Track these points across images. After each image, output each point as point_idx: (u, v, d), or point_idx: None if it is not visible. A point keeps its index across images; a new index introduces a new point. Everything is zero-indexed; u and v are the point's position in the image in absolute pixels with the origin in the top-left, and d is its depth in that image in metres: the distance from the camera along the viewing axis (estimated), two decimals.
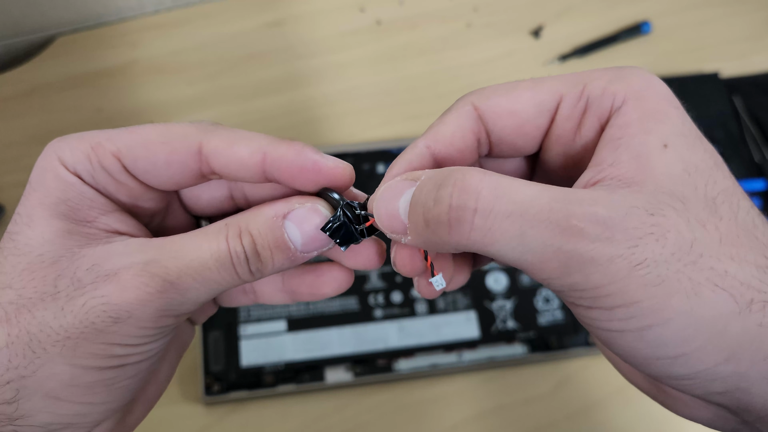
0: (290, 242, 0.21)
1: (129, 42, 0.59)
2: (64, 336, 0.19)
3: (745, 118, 0.56)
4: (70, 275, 0.20)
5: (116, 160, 0.21)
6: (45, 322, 0.19)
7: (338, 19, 0.61)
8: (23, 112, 0.56)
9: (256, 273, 0.22)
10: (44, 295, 0.20)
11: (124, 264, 0.20)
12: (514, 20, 0.62)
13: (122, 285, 0.20)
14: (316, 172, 0.22)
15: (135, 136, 0.22)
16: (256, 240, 0.21)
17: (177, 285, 0.20)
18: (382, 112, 0.57)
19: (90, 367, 0.20)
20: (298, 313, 0.47)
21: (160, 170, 0.22)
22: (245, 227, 0.21)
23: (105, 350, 0.20)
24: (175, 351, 0.26)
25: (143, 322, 0.20)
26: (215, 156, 0.21)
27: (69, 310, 0.20)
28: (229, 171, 0.22)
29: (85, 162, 0.21)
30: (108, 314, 0.20)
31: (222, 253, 0.21)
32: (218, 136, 0.22)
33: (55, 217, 0.21)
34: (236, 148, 0.21)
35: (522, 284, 0.49)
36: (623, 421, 0.46)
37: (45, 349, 0.19)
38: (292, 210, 0.22)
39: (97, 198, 0.22)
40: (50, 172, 0.21)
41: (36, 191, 0.21)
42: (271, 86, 0.58)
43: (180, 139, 0.22)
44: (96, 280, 0.20)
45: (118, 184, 0.22)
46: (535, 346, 0.47)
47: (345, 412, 0.46)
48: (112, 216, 0.22)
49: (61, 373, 0.20)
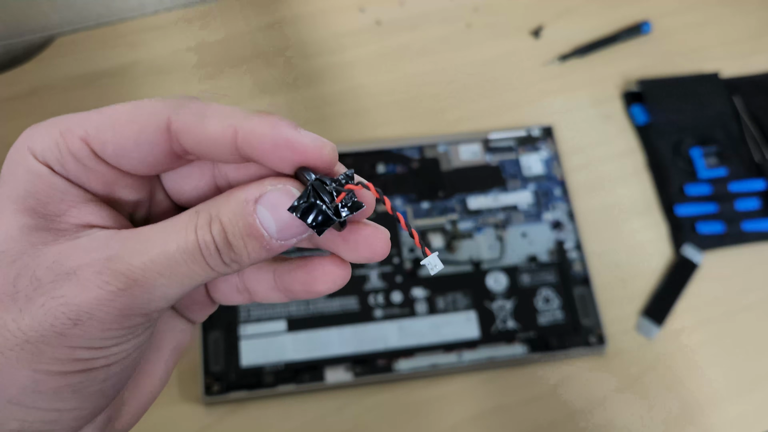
0: (263, 229, 0.19)
1: (129, 42, 0.59)
2: (22, 339, 0.18)
3: (745, 118, 0.56)
4: (30, 274, 0.19)
5: (85, 144, 0.20)
6: (3, 324, 0.18)
7: (338, 19, 0.61)
8: (23, 113, 0.56)
9: (231, 264, 0.20)
10: (3, 295, 0.18)
11: (85, 261, 0.19)
12: (514, 20, 0.62)
13: (81, 284, 0.18)
14: (290, 149, 0.19)
15: (103, 118, 0.20)
16: (226, 228, 0.19)
17: (141, 282, 0.19)
18: (382, 112, 0.57)
19: (53, 372, 0.18)
20: (298, 313, 0.47)
21: (130, 152, 0.20)
22: (215, 214, 0.19)
23: (67, 354, 0.18)
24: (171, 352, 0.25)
25: (106, 323, 0.18)
26: (185, 133, 0.20)
27: (27, 311, 0.18)
28: (202, 149, 0.20)
29: (54, 150, 0.20)
30: (67, 316, 0.18)
31: (190, 244, 0.19)
32: (188, 110, 0.20)
33: (20, 211, 0.19)
34: (206, 122, 0.19)
35: (522, 284, 0.49)
36: (623, 422, 0.46)
37: (2, 353, 0.18)
38: (265, 193, 0.20)
39: (68, 189, 0.20)
40: (19, 162, 0.20)
41: (5, 184, 0.20)
42: (270, 87, 0.58)
43: (147, 117, 0.20)
44: (56, 279, 0.18)
45: (89, 171, 0.20)
46: (536, 346, 0.47)
47: (345, 412, 0.46)
48: (84, 208, 0.20)
49: (22, 379, 0.18)
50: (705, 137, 0.55)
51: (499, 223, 0.51)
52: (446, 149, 0.54)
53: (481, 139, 0.55)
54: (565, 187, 0.53)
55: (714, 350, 0.49)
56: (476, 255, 0.50)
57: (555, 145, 0.55)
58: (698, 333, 0.49)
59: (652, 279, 0.51)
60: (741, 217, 0.53)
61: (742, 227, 0.52)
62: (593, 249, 0.51)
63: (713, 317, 0.50)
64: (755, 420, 0.47)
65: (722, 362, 0.48)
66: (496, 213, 0.52)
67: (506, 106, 0.58)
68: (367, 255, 0.22)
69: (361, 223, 0.22)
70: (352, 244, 0.22)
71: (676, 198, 0.54)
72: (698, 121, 0.56)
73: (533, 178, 0.53)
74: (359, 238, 0.21)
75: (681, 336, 0.49)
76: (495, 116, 0.57)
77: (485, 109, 0.57)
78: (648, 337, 0.49)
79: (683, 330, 0.49)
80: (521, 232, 0.51)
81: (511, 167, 0.54)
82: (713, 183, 0.54)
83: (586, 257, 0.50)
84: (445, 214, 0.52)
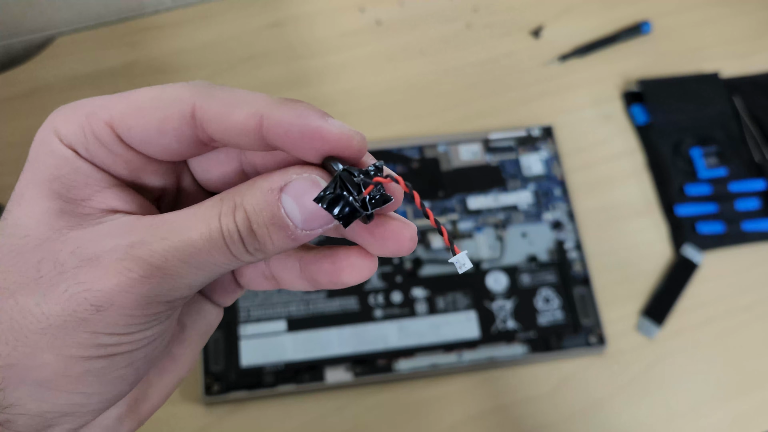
0: (288, 219, 0.19)
1: (129, 42, 0.59)
2: (46, 324, 0.18)
3: (746, 118, 0.56)
4: (53, 259, 0.19)
5: (110, 129, 0.19)
6: (27, 308, 0.18)
7: (338, 19, 0.61)
8: (22, 113, 0.56)
9: (255, 253, 0.19)
10: (28, 279, 0.18)
11: (108, 246, 0.19)
12: (514, 20, 0.62)
13: (103, 270, 0.18)
14: (318, 139, 0.19)
15: (129, 102, 0.19)
16: (250, 217, 0.19)
17: (164, 269, 0.18)
18: (382, 112, 0.57)
19: (76, 357, 0.19)
20: (298, 313, 0.47)
21: (154, 139, 0.20)
22: (240, 202, 0.19)
23: (90, 339, 0.18)
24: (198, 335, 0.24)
25: (128, 309, 0.18)
26: (210, 121, 0.19)
27: (51, 296, 0.18)
28: (227, 137, 0.19)
29: (79, 133, 0.19)
30: (89, 302, 0.18)
31: (213, 232, 0.19)
32: (213, 97, 0.19)
33: (46, 195, 0.19)
34: (231, 110, 0.19)
35: (522, 284, 0.49)
36: (624, 422, 0.46)
37: (27, 337, 0.18)
38: (290, 182, 0.19)
39: (93, 173, 0.20)
40: (45, 145, 0.20)
41: (30, 167, 0.20)
42: (270, 86, 0.58)
43: (172, 103, 0.19)
44: (79, 264, 0.18)
45: (114, 155, 0.20)
46: (535, 346, 0.47)
47: (345, 412, 0.46)
48: (109, 192, 0.20)
49: (47, 363, 0.18)
50: (705, 137, 0.55)
51: (499, 223, 0.51)
52: (446, 149, 0.54)
53: (481, 139, 0.55)
54: (565, 187, 0.53)
55: (714, 350, 0.49)
56: (476, 255, 0.50)
57: (555, 145, 0.55)
58: (698, 333, 0.49)
59: (653, 279, 0.51)
60: (741, 217, 0.53)
61: (742, 227, 0.52)
62: (593, 249, 0.51)
63: (713, 317, 0.50)
64: (756, 420, 0.47)
65: (722, 362, 0.48)
66: (496, 213, 0.52)
67: (506, 106, 0.58)
68: (393, 249, 0.21)
69: (388, 216, 0.21)
70: (378, 238, 0.21)
71: (676, 198, 0.54)
72: (698, 121, 0.56)
73: (533, 178, 0.53)
74: (386, 231, 0.21)
75: (681, 336, 0.49)
76: (495, 116, 0.57)
77: (485, 109, 0.57)
78: (648, 337, 0.49)
79: (683, 330, 0.49)
80: (521, 232, 0.51)
81: (511, 167, 0.54)
82: (713, 183, 0.54)
83: (586, 257, 0.50)
84: (445, 214, 0.52)
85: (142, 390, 0.23)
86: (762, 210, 0.53)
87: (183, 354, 0.24)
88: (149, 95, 0.20)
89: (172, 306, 0.20)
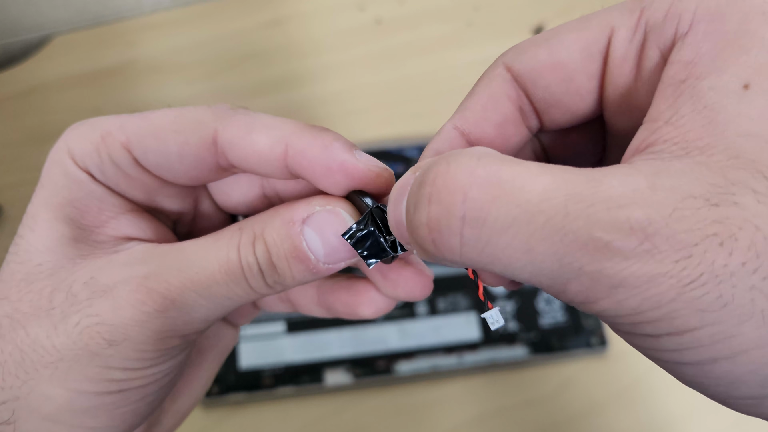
0: (310, 252, 0.18)
1: (127, 41, 0.59)
2: (57, 358, 0.17)
3: None
4: (66, 289, 0.18)
5: (126, 151, 0.19)
6: (38, 341, 0.17)
7: (337, 18, 0.61)
8: (21, 113, 0.55)
9: (274, 285, 0.19)
10: (39, 310, 0.18)
11: (122, 277, 0.18)
12: (515, 19, 0.61)
13: (117, 303, 0.18)
14: (344, 174, 0.18)
15: (146, 124, 0.19)
16: (270, 249, 0.18)
17: (179, 302, 0.18)
18: (382, 112, 0.57)
19: (87, 392, 0.18)
20: (298, 315, 0.47)
21: (173, 164, 0.19)
22: (260, 233, 0.18)
23: (101, 374, 0.18)
24: (214, 357, 0.24)
25: (141, 345, 0.18)
26: (232, 147, 0.18)
27: (62, 329, 0.18)
28: (249, 165, 0.19)
29: (94, 155, 0.19)
30: (102, 336, 0.17)
31: (232, 264, 0.18)
32: (235, 123, 0.19)
33: (59, 220, 0.19)
34: (255, 137, 0.18)
35: (523, 285, 0.49)
36: (626, 424, 0.46)
37: (37, 370, 0.17)
38: (312, 213, 0.18)
39: (107, 198, 0.19)
40: (59, 167, 0.19)
41: (44, 189, 0.19)
42: (270, 86, 0.57)
43: (193, 128, 0.19)
44: (92, 296, 0.18)
45: (130, 179, 0.19)
46: (537, 347, 0.47)
47: (344, 415, 0.45)
48: (124, 219, 0.19)
49: (56, 397, 0.18)
50: None
51: None
52: None
53: None
54: None
55: None
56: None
57: None
58: None
59: None
60: None
61: None
62: None
63: None
64: (757, 422, 0.46)
65: None
66: None
67: None
68: (405, 296, 0.21)
69: (406, 261, 0.20)
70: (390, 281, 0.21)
71: None
72: None
73: None
74: (399, 277, 0.20)
75: None
76: None
77: None
78: None
79: None
80: None
81: None
82: None
83: None
84: None
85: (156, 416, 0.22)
86: None
87: (198, 377, 0.23)
88: (168, 117, 0.19)
89: (187, 340, 0.19)
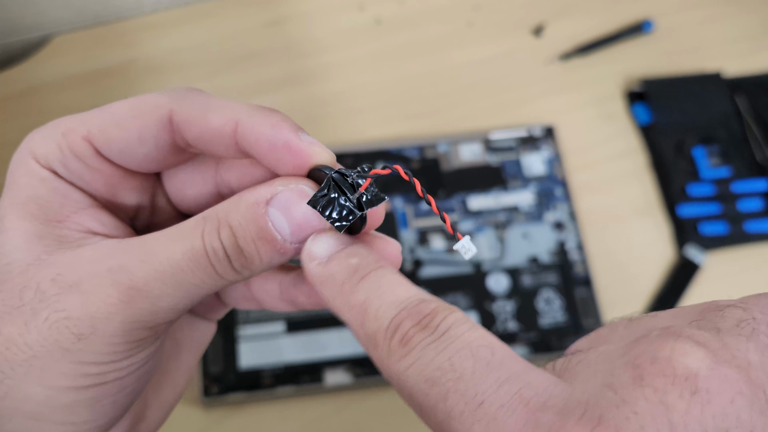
0: (276, 232, 0.18)
1: (127, 41, 0.59)
2: (30, 355, 0.18)
3: (748, 118, 0.56)
4: (35, 286, 0.18)
5: (88, 144, 0.19)
6: (11, 338, 0.18)
7: (337, 18, 0.61)
8: (20, 113, 0.55)
9: (242, 270, 0.19)
10: (11, 308, 0.18)
11: (88, 272, 0.18)
12: (515, 19, 0.61)
13: (84, 297, 0.18)
14: (288, 152, 0.19)
15: (105, 115, 0.19)
16: (236, 232, 0.18)
17: (145, 293, 0.18)
18: (382, 112, 0.57)
19: (63, 388, 0.18)
20: (298, 315, 0.47)
21: (134, 148, 0.20)
22: (224, 218, 0.18)
23: (75, 369, 0.18)
24: (192, 349, 0.24)
25: (110, 337, 0.18)
26: (187, 125, 0.19)
27: (33, 325, 0.18)
28: (203, 142, 0.19)
29: (56, 152, 0.19)
30: (70, 330, 0.18)
31: (196, 251, 0.18)
32: (190, 102, 0.19)
33: (24, 218, 0.19)
34: (208, 116, 0.19)
35: (523, 285, 0.49)
36: None
37: (13, 369, 0.18)
38: (276, 194, 0.19)
39: (70, 193, 0.20)
40: (21, 167, 0.19)
41: (9, 190, 0.19)
42: (269, 85, 0.57)
43: (150, 111, 0.19)
44: (59, 291, 0.18)
45: (92, 171, 0.20)
46: (537, 347, 0.47)
47: (344, 414, 0.45)
48: (86, 214, 0.20)
49: (34, 395, 0.18)
50: (708, 137, 0.55)
51: (500, 224, 0.51)
52: (447, 149, 0.54)
53: (482, 138, 0.54)
54: (566, 187, 0.53)
55: None
56: (477, 256, 0.50)
57: (556, 144, 0.54)
58: None
59: (655, 280, 0.51)
60: (744, 218, 0.52)
61: (745, 228, 0.52)
62: (595, 250, 0.51)
63: None
64: None
65: None
66: (496, 213, 0.51)
67: (507, 106, 0.57)
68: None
69: (371, 235, 0.21)
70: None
71: (679, 198, 0.53)
72: (701, 120, 0.56)
73: (534, 178, 0.53)
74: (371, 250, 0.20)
75: None
76: (496, 116, 0.57)
77: (486, 108, 0.57)
78: None
79: None
80: (522, 232, 0.51)
81: (512, 167, 0.53)
82: (716, 183, 0.53)
83: (587, 258, 0.50)
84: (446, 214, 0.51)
85: (139, 411, 0.22)
86: (765, 210, 0.53)
87: (178, 369, 0.24)
88: (126, 106, 0.20)
89: (157, 331, 0.19)
